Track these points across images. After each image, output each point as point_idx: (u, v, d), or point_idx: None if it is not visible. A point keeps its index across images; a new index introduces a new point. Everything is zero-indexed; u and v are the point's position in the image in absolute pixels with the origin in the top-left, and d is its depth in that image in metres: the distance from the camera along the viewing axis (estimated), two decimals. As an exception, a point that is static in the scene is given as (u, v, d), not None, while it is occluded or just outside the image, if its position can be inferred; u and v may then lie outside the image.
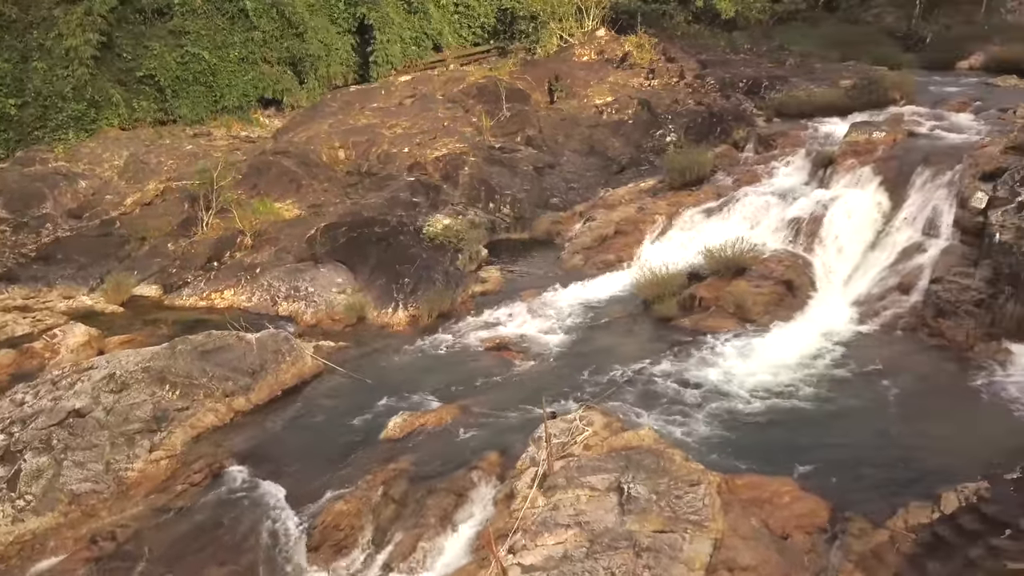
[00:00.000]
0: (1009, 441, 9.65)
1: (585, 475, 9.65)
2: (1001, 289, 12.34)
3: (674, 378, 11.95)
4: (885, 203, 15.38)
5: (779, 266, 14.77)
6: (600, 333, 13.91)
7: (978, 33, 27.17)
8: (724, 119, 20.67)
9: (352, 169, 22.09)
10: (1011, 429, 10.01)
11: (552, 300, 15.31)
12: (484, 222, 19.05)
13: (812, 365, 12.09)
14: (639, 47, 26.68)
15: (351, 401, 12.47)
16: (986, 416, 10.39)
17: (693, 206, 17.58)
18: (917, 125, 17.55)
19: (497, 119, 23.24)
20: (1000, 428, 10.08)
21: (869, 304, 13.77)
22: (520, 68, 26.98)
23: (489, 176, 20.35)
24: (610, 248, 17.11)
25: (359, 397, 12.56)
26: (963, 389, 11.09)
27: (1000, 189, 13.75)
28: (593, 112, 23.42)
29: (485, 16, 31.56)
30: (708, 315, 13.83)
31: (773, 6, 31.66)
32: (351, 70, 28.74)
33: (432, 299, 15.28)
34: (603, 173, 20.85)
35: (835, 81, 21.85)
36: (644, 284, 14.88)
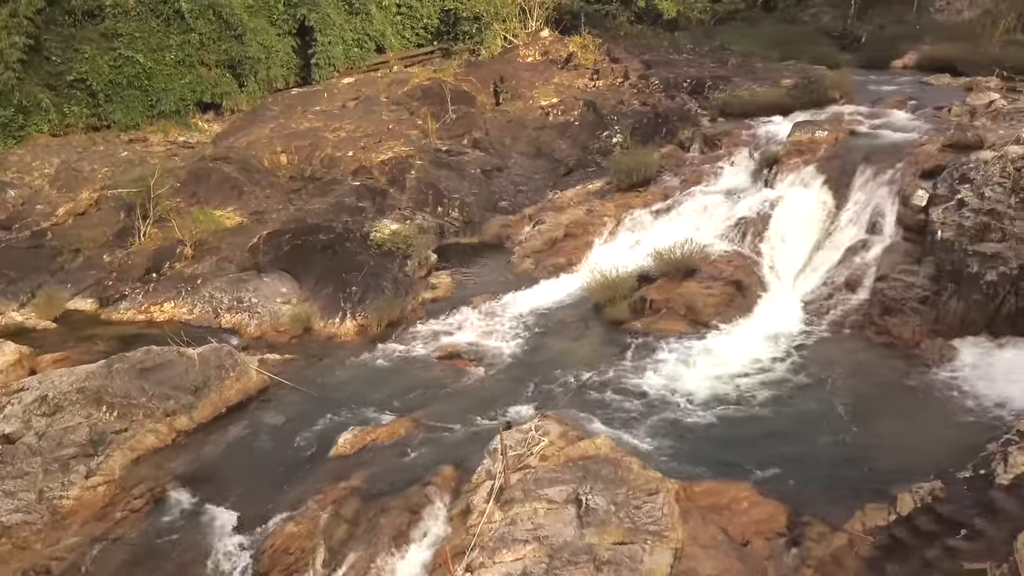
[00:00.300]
0: (958, 439, 9.73)
1: (542, 487, 9.43)
2: (944, 286, 12.51)
3: (628, 383, 11.82)
4: (829, 202, 15.51)
5: (728, 267, 14.78)
6: (553, 338, 13.70)
7: (910, 32, 27.81)
8: (669, 119, 20.68)
9: (295, 174, 21.50)
10: (959, 426, 10.12)
11: (504, 305, 15.06)
12: (433, 227, 18.70)
13: (764, 366, 12.08)
14: (583, 48, 26.61)
15: (299, 417, 12.03)
16: (935, 414, 10.49)
17: (641, 207, 17.52)
18: (858, 124, 17.78)
19: (443, 121, 22.89)
20: (948, 426, 10.18)
21: (817, 303, 13.86)
22: (465, 69, 26.67)
23: (436, 179, 19.99)
24: (560, 251, 16.93)
25: (307, 412, 12.12)
26: (911, 387, 11.20)
27: (940, 187, 13.97)
28: (539, 114, 23.24)
29: (428, 17, 31.11)
30: (659, 318, 13.74)
31: (714, 6, 31.94)
32: (292, 73, 28.00)
33: (381, 307, 14.87)
34: (551, 175, 20.68)
35: (776, 80, 22.06)
36: (595, 287, 14.73)
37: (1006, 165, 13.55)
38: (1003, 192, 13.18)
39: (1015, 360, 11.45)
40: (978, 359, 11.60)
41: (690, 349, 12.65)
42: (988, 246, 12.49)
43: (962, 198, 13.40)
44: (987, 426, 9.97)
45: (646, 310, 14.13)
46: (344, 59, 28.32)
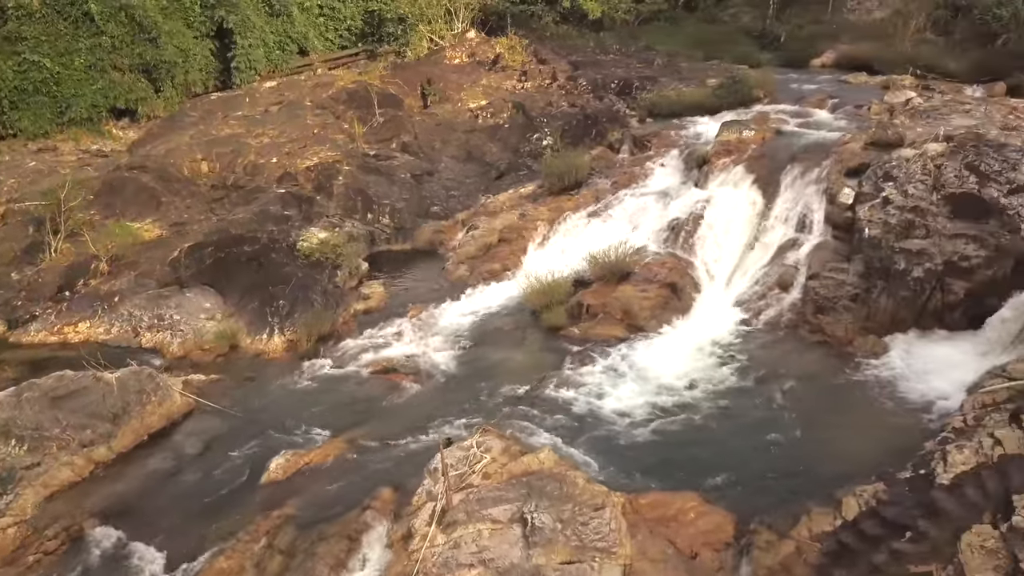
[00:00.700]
0: (896, 437, 9.79)
1: (486, 507, 9.06)
2: (874, 283, 12.64)
3: (569, 392, 11.54)
4: (759, 201, 15.58)
5: (662, 269, 14.69)
6: (491, 348, 13.34)
7: (827, 32, 28.43)
8: (598, 121, 20.54)
9: (217, 182, 20.54)
10: (896, 424, 10.19)
11: (439, 315, 14.62)
12: (363, 234, 18.09)
13: (703, 370, 11.97)
14: (510, 49, 26.30)
15: (227, 441, 11.36)
16: (871, 412, 10.55)
17: (574, 211, 17.31)
18: (783, 123, 17.97)
19: (370, 125, 22.26)
20: (886, 423, 10.24)
21: (751, 303, 13.86)
22: (391, 72, 26.06)
23: (365, 185, 19.38)
24: (495, 257, 16.57)
25: (236, 436, 11.47)
26: (847, 386, 11.25)
27: (865, 185, 14.14)
28: (468, 116, 22.83)
29: (351, 19, 30.34)
30: (597, 323, 13.53)
31: (637, 7, 32.08)
32: (212, 77, 26.86)
33: (311, 321, 14.23)
34: (482, 179, 20.29)
35: (702, 80, 22.18)
36: (531, 293, 14.43)
37: (927, 163, 13.80)
38: (925, 189, 13.40)
39: (942, 354, 11.64)
40: (909, 355, 11.75)
41: (628, 355, 12.47)
42: (914, 243, 12.67)
43: (887, 196, 13.59)
44: (922, 422, 10.08)
45: (583, 315, 13.91)
46: (266, 62, 27.33)
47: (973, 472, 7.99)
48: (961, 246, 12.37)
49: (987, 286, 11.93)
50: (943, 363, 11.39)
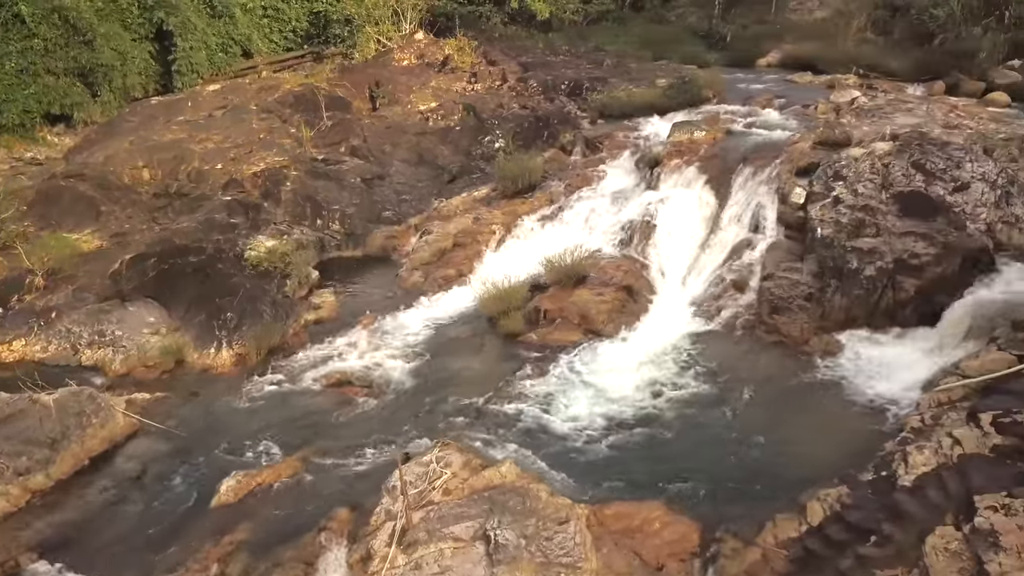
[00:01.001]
0: (856, 437, 9.78)
1: (448, 525, 8.75)
2: (827, 283, 12.67)
3: (528, 401, 11.30)
4: (712, 202, 15.56)
5: (618, 271, 14.55)
6: (448, 357, 13.01)
7: (771, 32, 28.71)
8: (550, 123, 20.34)
9: (160, 190, 19.77)
10: (855, 424, 10.18)
11: (394, 324, 14.23)
12: (312, 241, 17.58)
13: (662, 374, 11.84)
14: (459, 50, 25.93)
15: (175, 464, 10.83)
16: (831, 412, 10.53)
17: (528, 214, 17.09)
18: (733, 123, 18.00)
19: (318, 129, 21.69)
20: (845, 424, 10.23)
21: (707, 304, 13.80)
22: (338, 74, 25.48)
23: (314, 191, 18.86)
24: (450, 262, 16.24)
25: (184, 458, 10.95)
26: (804, 386, 11.23)
27: (816, 184, 14.20)
28: (419, 119, 22.41)
29: (296, 20, 29.58)
30: (554, 328, 13.32)
31: (585, 7, 31.99)
32: (152, 80, 25.89)
33: (260, 334, 13.71)
34: (435, 183, 19.91)
35: (652, 81, 22.14)
36: (488, 299, 14.14)
37: (875, 162, 13.93)
38: (874, 188, 13.51)
39: (896, 352, 11.70)
40: (863, 353, 11.78)
41: (587, 360, 12.28)
42: (865, 241, 12.74)
43: (837, 195, 13.66)
44: (881, 421, 10.10)
45: (540, 321, 13.68)
46: (208, 65, 26.47)
47: (934, 473, 7.96)
48: (911, 244, 12.47)
49: (937, 283, 12.03)
50: (897, 361, 11.44)
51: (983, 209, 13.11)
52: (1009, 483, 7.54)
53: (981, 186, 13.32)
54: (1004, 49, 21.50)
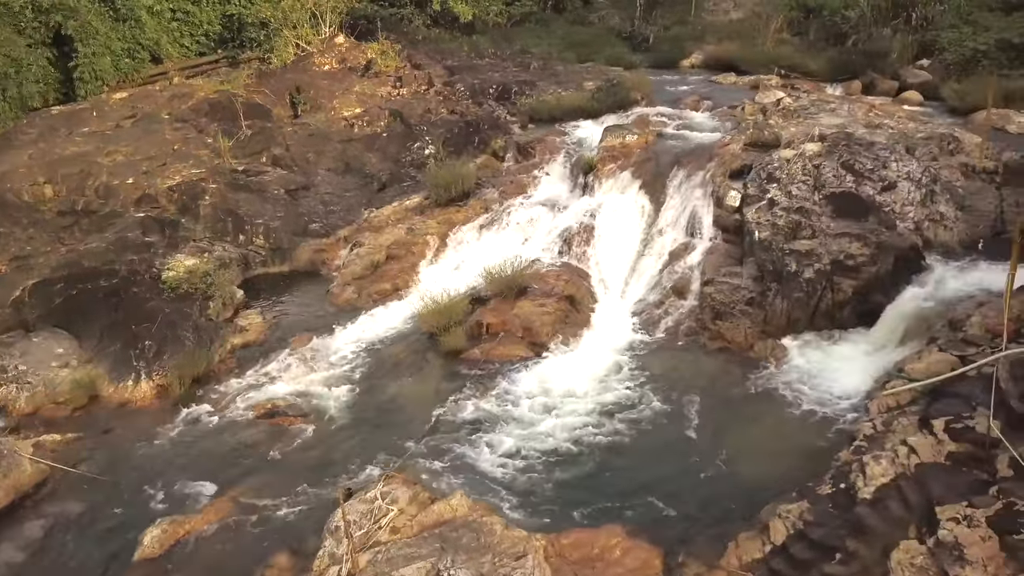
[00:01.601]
0: (808, 446, 9.65)
1: (397, 567, 8.13)
2: (768, 286, 12.55)
3: (475, 424, 10.77)
4: (648, 207, 15.34)
5: (558, 281, 14.14)
6: (387, 379, 12.34)
7: (692, 33, 28.89)
8: (480, 128, 19.78)
9: (65, 208, 18.34)
10: (806, 431, 10.04)
11: (327, 345, 13.44)
12: (236, 258, 16.57)
13: (609, 388, 11.46)
14: (383, 54, 25.08)
15: (91, 514, 9.84)
16: (780, 421, 10.37)
17: (464, 223, 16.51)
18: (663, 125, 17.85)
19: (237, 138, 20.55)
20: (795, 432, 10.07)
21: (650, 311, 13.54)
22: (256, 80, 24.27)
23: (235, 204, 17.82)
24: (384, 276, 15.51)
25: (101, 506, 9.96)
26: (753, 394, 11.04)
27: (750, 187, 14.11)
28: (343, 126, 21.50)
29: (209, 23, 28.18)
30: (498, 343, 12.80)
31: (508, 9, 31.52)
32: (52, 89, 24.12)
33: (183, 362, 12.72)
34: (364, 192, 19.08)
35: (579, 84, 21.85)
36: (426, 314, 13.51)
37: (806, 163, 13.92)
38: (808, 190, 13.49)
39: (839, 354, 11.67)
40: (807, 357, 11.70)
41: (533, 376, 11.81)
42: (802, 243, 12.68)
43: (772, 197, 13.59)
44: (832, 428, 9.98)
45: (483, 335, 13.13)
46: (114, 72, 24.85)
47: (893, 484, 7.80)
48: (846, 245, 12.47)
49: (873, 283, 12.06)
50: (841, 363, 11.40)
51: (911, 208, 13.25)
52: (968, 492, 7.43)
53: (907, 185, 13.47)
54: (913, 49, 22.09)
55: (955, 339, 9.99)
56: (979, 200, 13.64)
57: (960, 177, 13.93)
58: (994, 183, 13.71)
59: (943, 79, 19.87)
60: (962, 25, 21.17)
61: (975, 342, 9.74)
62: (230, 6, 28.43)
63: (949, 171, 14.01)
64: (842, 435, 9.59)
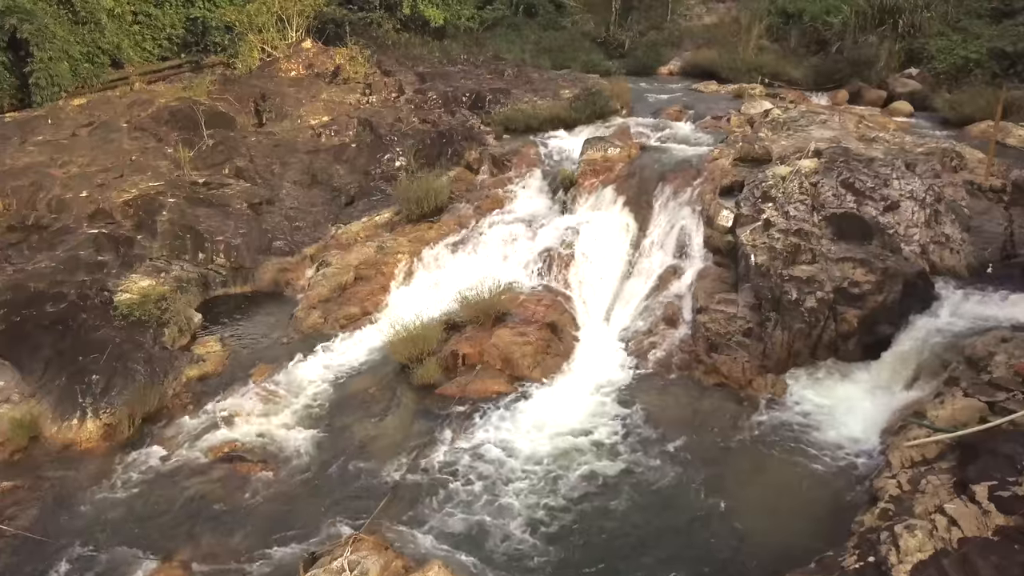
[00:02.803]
0: (820, 504, 8.65)
1: (366, 656, 7.00)
2: (767, 316, 11.55)
3: (452, 473, 9.60)
4: (632, 225, 14.29)
5: (539, 307, 13.02)
6: (355, 417, 11.12)
7: (669, 39, 27.99)
8: (453, 139, 18.61)
9: (14, 223, 16.80)
10: (815, 484, 9.03)
11: (292, 376, 12.18)
12: (194, 278, 15.24)
13: (596, 432, 10.28)
14: (351, 60, 23.78)
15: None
16: (786, 470, 9.35)
17: (437, 241, 15.33)
18: (645, 138, 16.85)
19: (198, 149, 19.17)
20: (805, 484, 9.07)
21: (638, 341, 12.45)
22: (220, 86, 22.85)
23: (195, 220, 16.45)
24: (352, 298, 14.29)
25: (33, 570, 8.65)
26: (755, 439, 10.00)
27: (744, 206, 13.12)
28: (310, 135, 20.18)
29: (172, 26, 26.67)
30: (475, 376, 11.64)
31: (480, 13, 30.33)
32: (6, 95, 22.48)
33: (133, 398, 11.40)
34: (331, 207, 17.81)
35: (556, 92, 20.78)
36: (398, 343, 12.31)
37: (803, 181, 12.97)
38: (806, 210, 12.54)
39: (845, 391, 10.70)
40: (811, 395, 10.72)
41: (515, 417, 10.67)
42: (802, 269, 11.71)
43: (768, 218, 12.61)
44: (847, 481, 8.98)
45: (459, 367, 11.98)
46: (72, 77, 23.25)
47: (933, 561, 6.76)
48: (849, 271, 11.52)
49: (879, 313, 11.09)
50: (848, 401, 10.44)
51: (915, 230, 12.35)
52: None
53: (911, 205, 12.57)
54: (900, 57, 21.34)
55: (980, 382, 9.03)
56: (986, 221, 12.79)
57: (965, 196, 13.07)
58: (1001, 203, 12.86)
59: (934, 89, 19.11)
60: (951, 32, 20.46)
61: (1004, 386, 8.77)
62: (194, 9, 27.00)
63: (953, 189, 13.14)
64: (859, 490, 8.62)
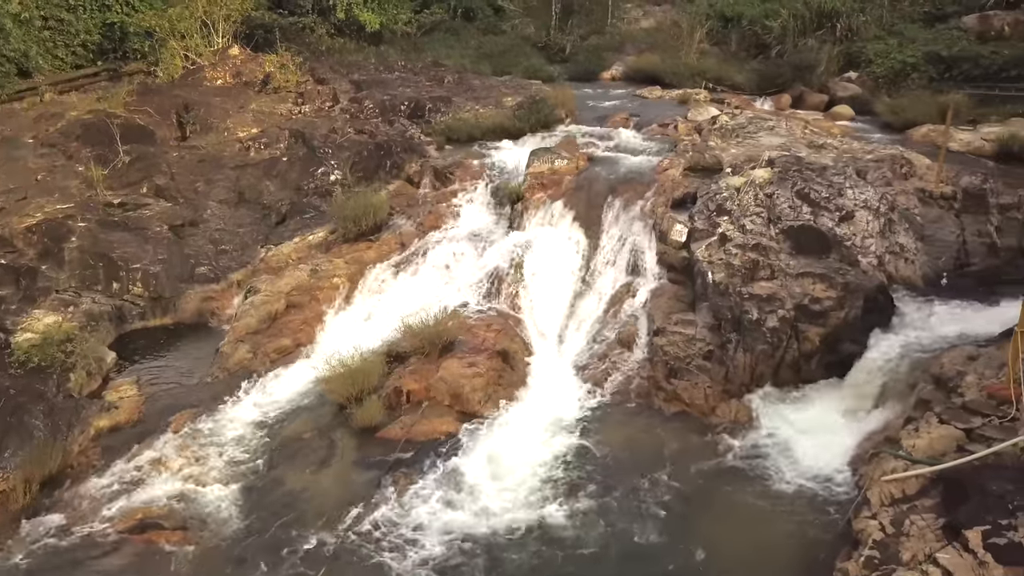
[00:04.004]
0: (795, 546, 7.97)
1: None
2: (727, 337, 10.83)
3: (397, 535, 8.54)
4: (583, 242, 13.50)
5: (489, 332, 12.07)
6: (289, 468, 9.95)
7: (610, 43, 27.38)
8: (392, 150, 17.50)
9: (-97, 253, 15.13)
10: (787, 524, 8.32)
11: (216, 423, 10.93)
12: (108, 311, 13.83)
13: (553, 472, 9.41)
14: (282, 67, 22.41)
15: None
16: (756, 508, 8.63)
17: (377, 262, 14.26)
18: (593, 147, 16.05)
19: (113, 166, 17.60)
20: (777, 524, 8.36)
21: (593, 366, 11.62)
22: (139, 97, 21.17)
23: (109, 246, 14.98)
24: (284, 329, 13.09)
25: None
26: (721, 472, 9.28)
27: (698, 220, 12.42)
28: (238, 149, 18.77)
29: (87, 32, 24.91)
30: (421, 415, 10.62)
31: (417, 17, 29.23)
32: (-100, 108, 20.60)
33: (31, 458, 9.99)
34: (260, 226, 16.48)
35: (499, 100, 19.85)
36: (334, 380, 11.19)
37: (757, 192, 12.34)
38: (763, 223, 11.90)
39: (811, 416, 10.08)
40: (777, 420, 10.06)
41: (465, 460, 9.68)
42: (762, 286, 11.04)
43: (724, 232, 11.92)
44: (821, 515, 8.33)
45: (403, 404, 10.95)
46: (-29, 88, 21.42)
47: (931, 624, 6.09)
48: (809, 286, 10.91)
49: (841, 330, 10.53)
50: (815, 426, 9.80)
51: (872, 240, 11.84)
52: (1026, 637, 5.80)
53: (865, 214, 12.06)
54: (840, 61, 21.06)
55: (953, 406, 8.44)
56: (939, 229, 12.36)
57: (917, 204, 12.62)
58: (953, 210, 12.45)
59: (873, 92, 18.84)
60: (887, 36, 20.25)
61: (979, 410, 8.20)
62: (111, 14, 25.34)
63: (905, 197, 12.68)
64: (835, 528, 7.94)
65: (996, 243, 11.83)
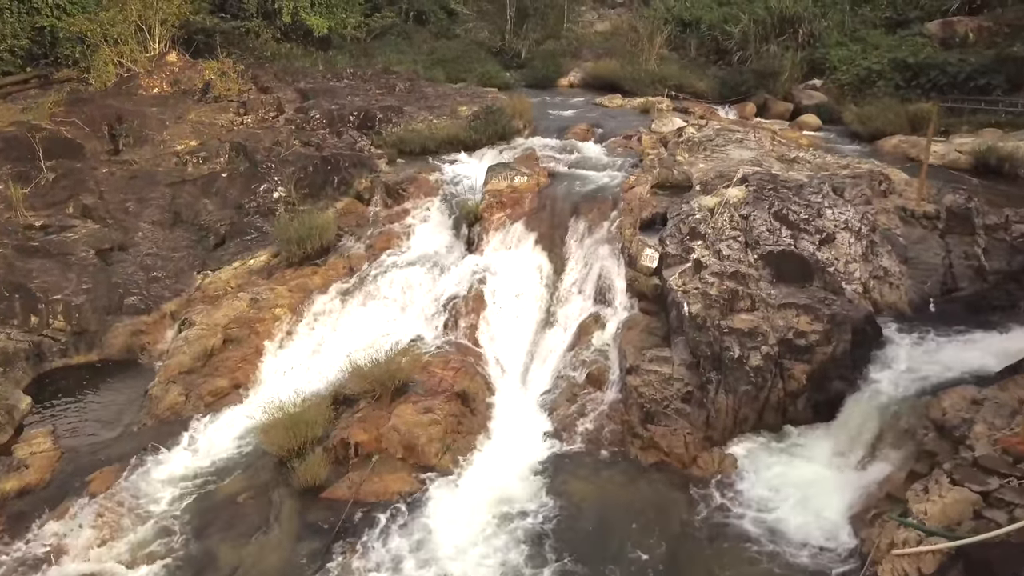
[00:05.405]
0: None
1: None
2: (707, 377, 9.77)
3: (344, 625, 7.32)
4: (547, 267, 12.39)
5: (447, 371, 10.83)
6: (222, 538, 8.57)
7: (566, 48, 26.31)
8: (340, 164, 16.11)
9: None
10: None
11: (140, 485, 9.47)
12: (24, 349, 12.25)
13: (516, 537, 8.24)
14: (223, 75, 20.80)
15: None
16: None
17: (323, 289, 12.94)
18: (553, 162, 14.92)
19: (35, 184, 15.90)
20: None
21: (560, 408, 10.47)
22: (67, 107, 19.43)
23: (26, 275, 13.34)
24: (220, 368, 11.67)
25: None
26: (707, 536, 8.18)
27: (669, 244, 11.34)
28: (174, 164, 17.16)
29: (14, 37, 22.84)
30: (372, 471, 9.33)
31: (367, 21, 27.73)
32: None
33: (-83, 536, 8.55)
34: (197, 250, 14.94)
35: (453, 109, 18.59)
36: (274, 429, 9.83)
37: (733, 214, 11.32)
38: (740, 248, 10.88)
39: (800, 466, 9.05)
40: (764, 470, 9.02)
41: (419, 526, 8.43)
42: (742, 319, 10.01)
43: (699, 258, 10.87)
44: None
45: (350, 458, 9.65)
46: None
47: None
48: (793, 319, 9.92)
49: (829, 367, 9.57)
50: (807, 478, 8.78)
51: (855, 264, 10.91)
52: None
53: (847, 236, 11.13)
54: (803, 68, 20.29)
55: (965, 463, 7.48)
56: (923, 251, 11.47)
57: (899, 223, 11.72)
58: (936, 230, 11.59)
59: (839, 100, 18.08)
60: (849, 43, 19.51)
61: (994, 468, 7.25)
62: (40, 17, 23.28)
63: (886, 217, 11.79)
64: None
65: (984, 266, 10.99)
